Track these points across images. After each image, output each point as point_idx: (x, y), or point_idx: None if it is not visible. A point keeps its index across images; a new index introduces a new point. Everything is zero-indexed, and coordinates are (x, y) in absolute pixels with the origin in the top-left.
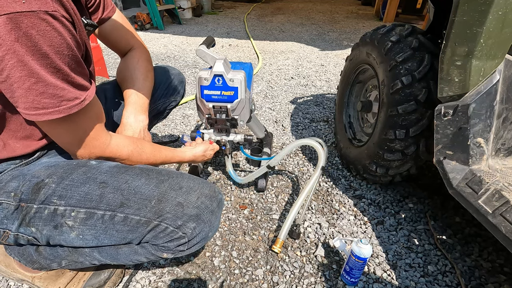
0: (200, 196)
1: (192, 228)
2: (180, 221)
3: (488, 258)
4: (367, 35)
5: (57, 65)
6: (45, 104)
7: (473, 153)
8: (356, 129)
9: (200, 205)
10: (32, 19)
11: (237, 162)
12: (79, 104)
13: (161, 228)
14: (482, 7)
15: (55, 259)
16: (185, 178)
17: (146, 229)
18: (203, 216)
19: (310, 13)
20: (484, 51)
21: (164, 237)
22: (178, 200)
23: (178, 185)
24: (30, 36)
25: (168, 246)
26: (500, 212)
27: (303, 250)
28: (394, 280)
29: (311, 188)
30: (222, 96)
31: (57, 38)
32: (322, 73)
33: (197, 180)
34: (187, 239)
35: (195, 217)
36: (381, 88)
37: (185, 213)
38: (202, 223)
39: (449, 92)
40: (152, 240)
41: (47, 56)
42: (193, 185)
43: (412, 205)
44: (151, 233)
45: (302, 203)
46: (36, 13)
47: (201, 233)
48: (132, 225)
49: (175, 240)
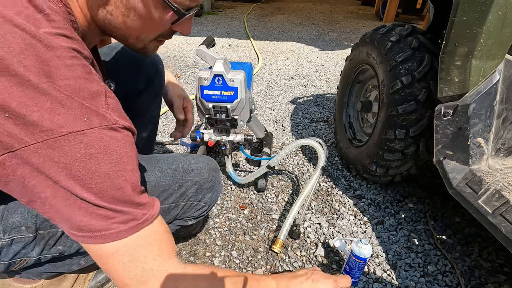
0: (210, 171)
1: (209, 197)
2: (200, 195)
3: (488, 258)
4: (367, 35)
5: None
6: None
7: (473, 153)
8: (356, 129)
9: (212, 178)
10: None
11: (237, 162)
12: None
13: (188, 205)
14: (482, 7)
15: (73, 263)
16: (192, 160)
17: (177, 210)
18: (215, 186)
19: (310, 13)
20: (484, 51)
21: (190, 210)
22: (195, 180)
23: (189, 168)
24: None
25: (193, 215)
26: (500, 212)
27: (303, 250)
28: (394, 280)
29: (311, 188)
30: (222, 96)
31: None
32: (322, 73)
33: (201, 159)
34: (208, 206)
35: (210, 188)
36: (381, 88)
37: (203, 188)
38: (215, 191)
39: (449, 92)
40: (181, 215)
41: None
42: (201, 165)
43: (412, 205)
44: (181, 211)
45: (302, 203)
46: (98, 129)
47: (216, 198)
48: (165, 212)
49: (199, 210)
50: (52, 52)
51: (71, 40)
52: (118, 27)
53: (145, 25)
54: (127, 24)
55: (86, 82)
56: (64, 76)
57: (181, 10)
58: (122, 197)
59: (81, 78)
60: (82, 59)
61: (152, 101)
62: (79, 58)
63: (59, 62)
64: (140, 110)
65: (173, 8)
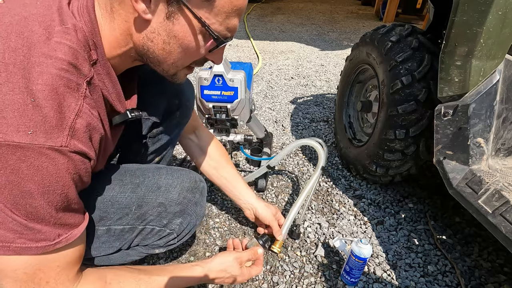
0: (181, 191)
1: (179, 223)
2: (165, 220)
3: (488, 258)
4: (367, 35)
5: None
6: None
7: (473, 153)
8: (356, 129)
9: (183, 200)
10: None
11: (237, 162)
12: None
13: (147, 230)
14: (482, 7)
15: None
16: (163, 174)
17: (132, 235)
18: (188, 210)
19: (310, 13)
20: (484, 51)
21: (152, 237)
22: (159, 201)
23: (155, 185)
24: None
25: (158, 244)
26: (500, 212)
27: (303, 250)
28: (394, 280)
29: (311, 188)
30: (222, 96)
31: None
32: (322, 73)
33: (175, 174)
34: (175, 234)
35: (180, 212)
36: (381, 88)
37: (168, 212)
38: (188, 216)
39: (449, 92)
40: (142, 242)
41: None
42: (171, 181)
43: (412, 205)
44: (138, 237)
45: (302, 203)
46: (38, 147)
47: (189, 224)
48: (117, 235)
49: (164, 237)
50: (43, 59)
51: (75, 56)
52: (156, 53)
53: (184, 52)
54: (165, 51)
55: (60, 95)
56: (36, 83)
57: (220, 38)
58: (40, 216)
59: (57, 89)
60: (72, 74)
61: (170, 131)
62: (70, 72)
63: (42, 69)
64: (157, 137)
65: (213, 36)
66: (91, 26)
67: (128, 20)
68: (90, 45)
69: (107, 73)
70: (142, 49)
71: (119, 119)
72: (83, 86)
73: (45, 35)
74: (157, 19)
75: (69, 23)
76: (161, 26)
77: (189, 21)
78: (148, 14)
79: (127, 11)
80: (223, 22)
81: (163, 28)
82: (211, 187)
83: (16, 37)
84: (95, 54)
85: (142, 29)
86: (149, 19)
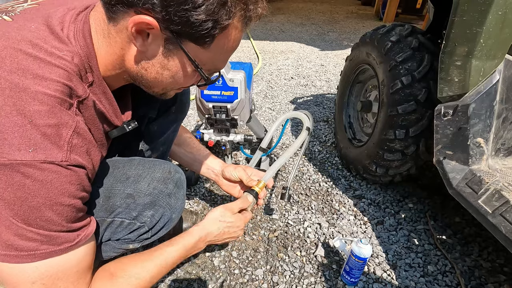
0: (151, 181)
1: (150, 216)
2: (134, 212)
3: (488, 258)
4: (367, 35)
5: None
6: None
7: (473, 153)
8: (356, 129)
9: (153, 191)
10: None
11: (237, 162)
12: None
13: (116, 223)
14: (482, 7)
15: None
16: (133, 165)
17: (101, 228)
18: (160, 201)
19: (310, 13)
20: (484, 51)
21: (122, 231)
22: (127, 192)
23: (124, 175)
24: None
25: (130, 238)
26: (500, 212)
27: (303, 250)
28: (394, 280)
29: (298, 146)
30: (222, 96)
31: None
32: (322, 73)
33: (147, 164)
34: (147, 228)
35: (150, 204)
36: (381, 88)
37: (138, 204)
38: (160, 208)
39: (449, 92)
40: (113, 236)
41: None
42: (141, 172)
43: (412, 205)
44: (108, 230)
45: (287, 158)
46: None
47: (163, 217)
48: None
49: (135, 231)
50: (38, 81)
51: (69, 78)
52: (149, 80)
53: (174, 82)
54: (157, 80)
55: (56, 114)
56: (33, 104)
57: (210, 78)
58: (53, 228)
59: (53, 108)
60: (66, 95)
61: (167, 127)
62: (64, 92)
63: (38, 89)
64: (154, 133)
65: (204, 77)
66: (87, 50)
67: (124, 48)
68: (86, 68)
69: (103, 92)
70: (135, 75)
71: (117, 132)
72: (74, 105)
73: (39, 58)
74: (153, 53)
75: (64, 48)
76: (156, 60)
77: (183, 61)
78: (144, 47)
79: (124, 40)
80: (215, 62)
81: (158, 61)
82: (211, 187)
83: (11, 61)
84: (91, 76)
85: (137, 59)
86: (145, 51)
